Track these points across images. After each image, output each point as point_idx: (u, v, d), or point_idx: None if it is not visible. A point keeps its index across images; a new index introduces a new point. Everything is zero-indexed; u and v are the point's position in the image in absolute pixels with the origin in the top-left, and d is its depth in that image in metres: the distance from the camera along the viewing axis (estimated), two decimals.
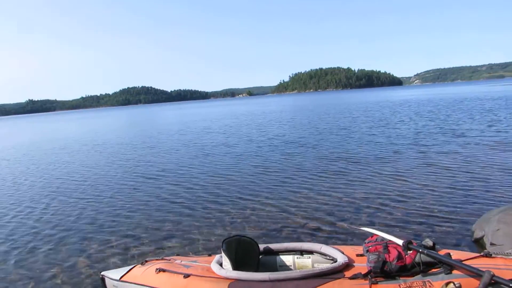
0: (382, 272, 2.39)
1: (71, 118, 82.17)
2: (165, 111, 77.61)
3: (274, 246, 3.23)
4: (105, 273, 3.50)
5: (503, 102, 26.26)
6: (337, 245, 3.04)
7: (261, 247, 3.20)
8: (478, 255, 2.40)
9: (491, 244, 3.90)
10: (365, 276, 2.39)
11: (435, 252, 2.38)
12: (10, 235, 5.82)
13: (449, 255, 2.35)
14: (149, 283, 2.96)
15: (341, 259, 2.63)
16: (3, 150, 19.87)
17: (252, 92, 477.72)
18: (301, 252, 3.11)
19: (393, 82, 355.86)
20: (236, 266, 2.90)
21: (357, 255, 2.75)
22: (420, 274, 2.33)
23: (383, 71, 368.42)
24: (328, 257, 2.91)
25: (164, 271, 2.96)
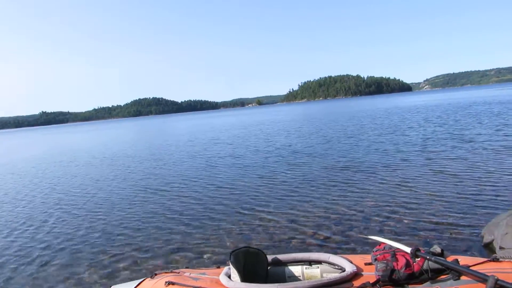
0: (391, 280, 2.38)
1: (83, 130, 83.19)
2: (175, 122, 78.20)
3: (282, 256, 3.22)
4: (115, 287, 3.53)
5: (511, 106, 25.99)
6: (346, 254, 3.04)
7: (269, 258, 3.19)
8: (486, 260, 2.38)
9: (501, 248, 3.87)
10: (373, 285, 2.39)
11: (443, 258, 2.37)
12: (20, 250, 5.89)
13: (457, 261, 2.34)
14: None
15: (349, 268, 2.62)
16: (12, 163, 20.15)
17: (261, 102, 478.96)
18: (310, 263, 3.09)
19: (403, 88, 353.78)
20: (245, 278, 2.89)
21: (366, 264, 2.74)
22: (429, 281, 2.32)
23: (392, 77, 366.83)
24: (336, 267, 2.90)
25: (173, 284, 2.96)
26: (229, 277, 2.90)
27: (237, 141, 20.08)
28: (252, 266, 3.08)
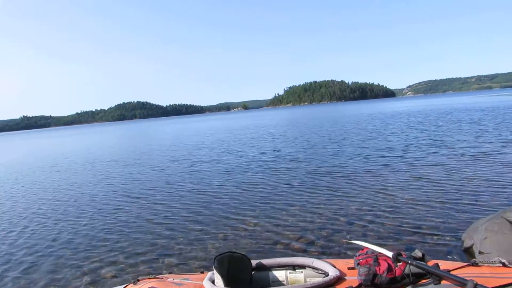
0: (373, 284, 2.40)
1: (65, 134, 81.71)
2: (160, 126, 77.49)
3: (266, 261, 3.22)
4: None
5: (490, 113, 26.64)
6: (329, 259, 3.06)
7: (254, 263, 3.19)
8: (465, 264, 2.42)
9: (480, 253, 3.95)
10: None
11: (424, 263, 2.40)
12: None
13: (437, 265, 2.37)
14: None
15: (332, 272, 2.64)
16: None
17: (247, 106, 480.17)
18: (294, 267, 3.11)
19: (387, 94, 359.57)
20: (229, 283, 2.89)
21: (349, 268, 2.76)
22: (410, 285, 2.35)
23: (376, 83, 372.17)
24: (320, 271, 2.91)
25: None
26: (213, 282, 2.88)
27: (221, 146, 20.02)
28: (236, 271, 3.07)
